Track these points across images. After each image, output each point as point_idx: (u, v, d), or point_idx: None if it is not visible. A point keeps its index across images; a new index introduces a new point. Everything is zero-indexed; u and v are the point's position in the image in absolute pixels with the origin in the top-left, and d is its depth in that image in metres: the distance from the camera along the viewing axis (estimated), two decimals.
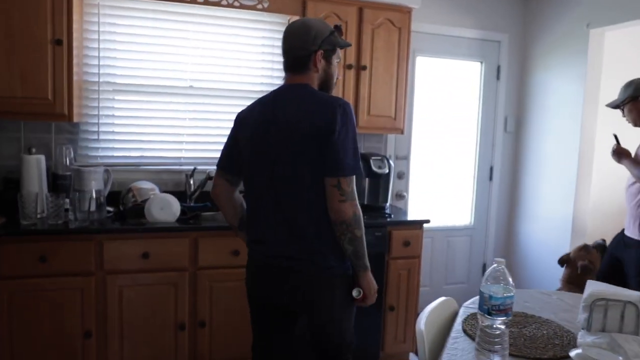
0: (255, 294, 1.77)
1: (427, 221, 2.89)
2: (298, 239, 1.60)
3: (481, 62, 3.70)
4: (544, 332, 1.65)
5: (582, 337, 1.57)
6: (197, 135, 2.98)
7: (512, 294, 1.36)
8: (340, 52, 1.74)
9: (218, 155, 1.82)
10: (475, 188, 3.83)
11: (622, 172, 2.75)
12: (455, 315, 1.85)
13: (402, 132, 3.12)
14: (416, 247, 2.87)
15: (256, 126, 1.65)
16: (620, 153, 2.64)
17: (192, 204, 2.78)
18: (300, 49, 1.64)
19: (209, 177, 2.76)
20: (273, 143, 1.60)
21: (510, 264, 3.96)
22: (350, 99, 2.90)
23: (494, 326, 1.36)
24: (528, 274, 3.70)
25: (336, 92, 2.85)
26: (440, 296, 1.89)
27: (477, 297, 1.99)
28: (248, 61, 3.02)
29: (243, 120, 1.73)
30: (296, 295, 1.64)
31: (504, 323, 1.38)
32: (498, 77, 3.73)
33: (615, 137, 2.70)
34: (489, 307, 1.35)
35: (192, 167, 2.89)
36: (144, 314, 2.39)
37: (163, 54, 2.86)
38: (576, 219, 3.36)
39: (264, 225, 1.66)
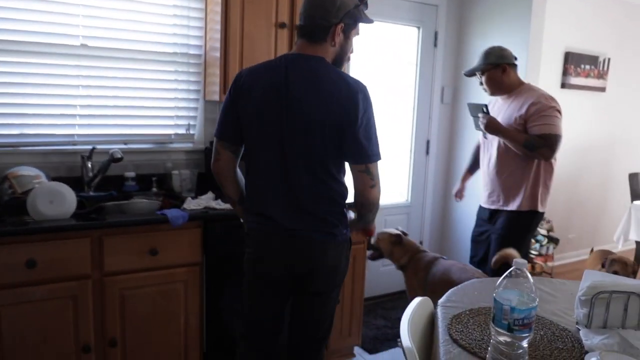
0: (264, 267, 1.70)
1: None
2: (307, 214, 1.61)
3: (418, 28, 3.45)
4: (541, 333, 1.42)
5: (587, 338, 1.35)
6: (94, 107, 2.41)
7: (536, 303, 1.08)
8: (359, 28, 1.67)
9: (122, 131, 1.38)
10: (412, 163, 3.62)
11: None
12: (432, 317, 1.57)
13: None
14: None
15: (265, 97, 1.57)
16: (494, 124, 2.50)
17: (92, 193, 2.24)
18: (321, 18, 1.56)
19: (113, 159, 2.23)
20: (285, 120, 1.55)
21: (447, 244, 3.82)
22: None
23: (517, 344, 1.07)
24: (465, 254, 3.58)
25: (265, 53, 2.45)
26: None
27: (451, 293, 1.76)
28: (158, 16, 2.48)
29: (245, 85, 1.61)
30: (310, 260, 1.64)
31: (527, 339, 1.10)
32: (435, 44, 3.51)
33: (486, 107, 2.55)
34: (510, 322, 1.06)
35: (89, 147, 2.33)
36: (33, 340, 1.85)
37: (46, 1, 2.24)
38: None
39: (271, 202, 1.63)
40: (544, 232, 4.23)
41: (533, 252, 4.13)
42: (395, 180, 3.58)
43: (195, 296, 2.15)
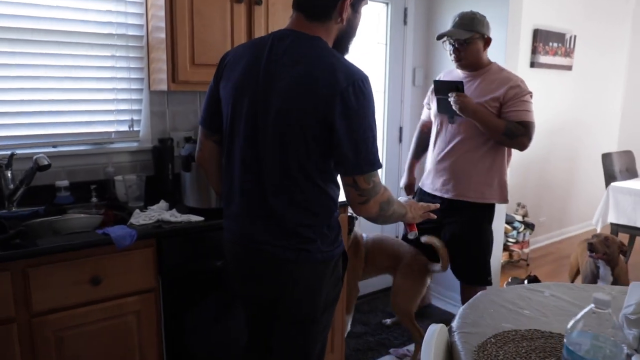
0: (233, 282, 1.55)
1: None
2: (275, 225, 1.36)
3: (387, 4, 3.15)
4: None
5: None
6: (11, 103, 1.97)
7: (624, 355, 0.82)
8: None
9: (49, 131, 1.11)
10: (385, 153, 3.35)
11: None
12: (449, 346, 1.30)
13: None
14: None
15: (242, 80, 1.35)
16: (472, 105, 2.22)
17: (14, 210, 1.83)
18: None
19: (39, 166, 1.81)
20: (261, 108, 1.32)
21: None
22: (241, 42, 2.12)
23: None
24: None
25: (220, 32, 2.08)
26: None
27: (464, 313, 1.48)
28: None
29: (227, 66, 1.42)
30: (273, 284, 1.40)
31: None
32: (405, 22, 3.23)
33: (461, 85, 2.26)
34: None
35: (7, 152, 1.90)
36: None
37: None
38: None
39: (238, 205, 1.42)
40: (519, 218, 4.09)
41: (510, 239, 3.99)
42: None
43: (152, 328, 1.80)
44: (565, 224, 5.12)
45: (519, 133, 2.26)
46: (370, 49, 3.15)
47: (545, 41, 4.21)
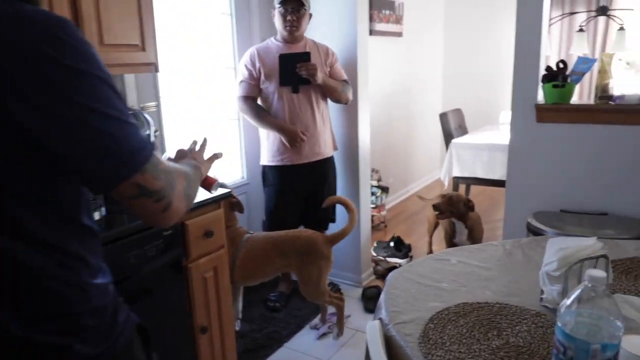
0: None
1: (230, 194, 2.06)
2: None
3: None
4: (524, 328, 1.16)
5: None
6: None
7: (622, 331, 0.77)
8: None
9: None
10: (242, 134, 3.12)
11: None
12: (387, 341, 1.19)
13: (155, 69, 2.11)
14: (220, 234, 2.04)
15: None
16: (318, 70, 2.56)
17: None
18: None
19: None
20: None
21: None
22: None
23: None
24: None
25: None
26: None
27: (388, 299, 1.39)
28: None
29: None
30: None
31: None
32: None
33: (308, 55, 2.55)
34: None
35: None
36: None
37: None
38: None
39: None
40: (375, 183, 4.23)
41: (370, 205, 4.10)
42: (229, 157, 3.05)
43: None
44: (409, 182, 5.50)
45: (347, 89, 2.73)
46: (213, 20, 2.85)
47: (380, 9, 4.34)
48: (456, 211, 3.05)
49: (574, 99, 2.51)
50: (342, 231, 2.47)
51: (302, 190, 2.80)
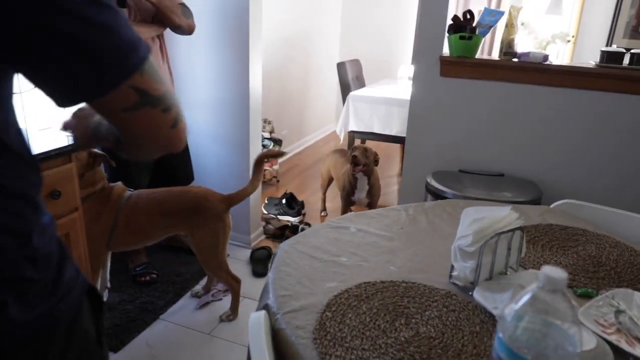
0: None
1: (70, 148, 1.66)
2: None
3: None
4: (435, 313, 1.01)
5: (489, 302, 1.01)
6: None
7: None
8: None
9: None
10: None
11: None
12: (275, 334, 0.97)
13: None
14: (71, 194, 1.65)
15: None
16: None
17: None
18: None
19: None
20: None
21: None
22: None
23: None
24: None
25: None
26: None
27: (274, 280, 1.15)
28: None
29: None
30: None
31: None
32: None
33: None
34: None
35: None
36: None
37: None
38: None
39: None
40: (267, 135, 3.96)
41: None
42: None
43: None
44: (304, 134, 5.31)
45: (188, 14, 2.36)
46: None
47: None
48: (369, 164, 2.90)
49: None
50: (242, 191, 2.16)
51: None
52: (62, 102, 0.60)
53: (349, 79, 4.32)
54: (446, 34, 2.35)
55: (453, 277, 1.14)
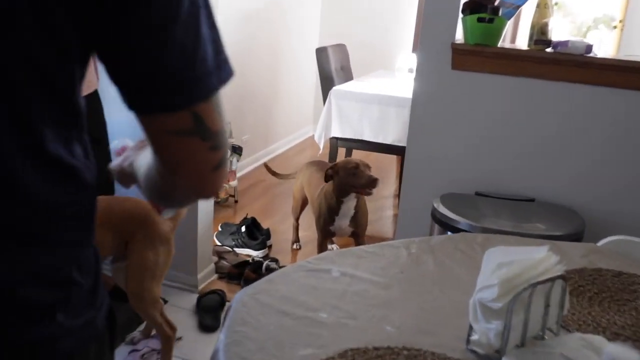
0: None
1: None
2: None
3: None
4: None
5: None
6: None
7: None
8: None
9: None
10: None
11: None
12: None
13: None
14: None
15: None
16: None
17: None
18: None
19: None
20: None
21: None
22: None
23: None
24: None
25: None
26: None
27: (227, 343, 1.10)
28: None
29: None
30: None
31: None
32: None
33: None
34: None
35: None
36: None
37: None
38: None
39: None
40: None
41: None
42: None
43: None
44: (271, 141, 5.30)
45: None
46: None
47: None
48: (357, 184, 2.72)
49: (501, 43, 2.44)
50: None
51: None
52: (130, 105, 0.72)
53: (332, 69, 4.36)
54: (460, 15, 2.38)
55: (472, 343, 1.12)
